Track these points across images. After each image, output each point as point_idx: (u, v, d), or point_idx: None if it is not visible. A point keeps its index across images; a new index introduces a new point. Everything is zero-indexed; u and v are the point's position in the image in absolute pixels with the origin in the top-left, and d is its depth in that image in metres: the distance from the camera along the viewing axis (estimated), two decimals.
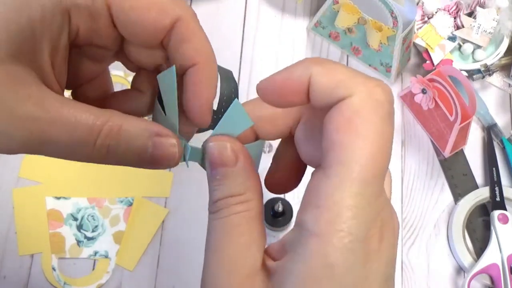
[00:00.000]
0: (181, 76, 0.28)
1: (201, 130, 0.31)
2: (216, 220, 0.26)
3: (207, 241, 0.26)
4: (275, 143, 0.68)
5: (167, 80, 0.28)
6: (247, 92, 0.70)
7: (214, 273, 0.25)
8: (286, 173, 0.30)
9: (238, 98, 0.31)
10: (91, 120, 0.25)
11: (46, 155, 0.26)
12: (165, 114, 0.29)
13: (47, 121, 0.24)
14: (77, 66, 0.30)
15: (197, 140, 0.30)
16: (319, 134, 0.25)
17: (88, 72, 0.30)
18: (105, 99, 0.32)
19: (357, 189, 0.22)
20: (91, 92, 0.31)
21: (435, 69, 0.69)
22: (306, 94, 0.24)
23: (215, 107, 0.31)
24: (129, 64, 0.31)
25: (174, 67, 0.27)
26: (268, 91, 0.26)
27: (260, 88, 0.26)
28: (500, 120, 0.71)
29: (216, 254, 0.25)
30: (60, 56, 0.27)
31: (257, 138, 0.29)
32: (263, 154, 0.32)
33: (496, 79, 0.72)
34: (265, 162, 0.31)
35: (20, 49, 0.24)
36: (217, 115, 0.30)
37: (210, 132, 0.29)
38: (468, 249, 0.64)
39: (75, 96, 0.32)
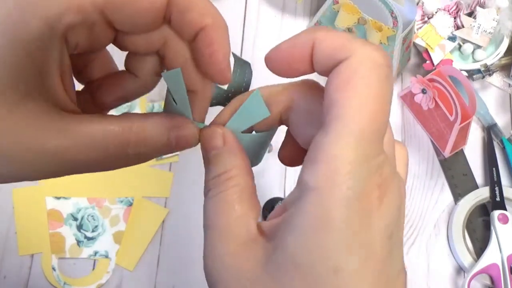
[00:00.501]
0: (191, 42, 0.29)
1: (212, 104, 0.32)
2: (207, 201, 0.27)
3: (204, 223, 0.27)
4: (276, 143, 0.68)
5: (173, 78, 0.29)
6: None
7: (210, 246, 0.26)
8: (295, 146, 0.31)
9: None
10: (117, 134, 0.26)
11: (76, 174, 0.27)
12: (176, 104, 0.30)
13: (76, 147, 0.25)
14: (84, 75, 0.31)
15: None
16: (312, 118, 0.26)
17: (85, 62, 0.31)
18: (105, 79, 0.31)
19: (354, 143, 0.22)
20: (96, 73, 0.31)
21: (435, 69, 0.69)
22: (311, 62, 0.25)
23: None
24: (122, 47, 0.30)
25: (179, 69, 0.28)
26: (276, 60, 0.26)
27: (267, 58, 0.27)
28: (500, 120, 0.71)
29: (210, 230, 0.26)
30: (67, 76, 0.27)
31: (251, 129, 0.30)
32: (266, 154, 0.32)
33: (496, 79, 0.72)
34: (264, 163, 0.31)
35: (30, 86, 0.24)
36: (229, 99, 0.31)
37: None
38: (468, 249, 0.64)
39: (80, 80, 0.31)
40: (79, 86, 0.30)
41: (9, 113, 0.24)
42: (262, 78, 0.78)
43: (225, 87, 0.32)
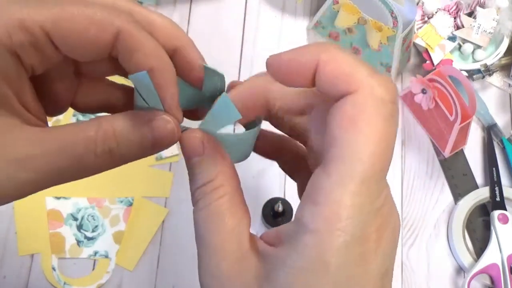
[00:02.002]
0: None
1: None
2: (197, 212, 0.27)
3: (195, 235, 0.27)
4: None
5: (141, 80, 0.28)
6: None
7: (203, 263, 0.26)
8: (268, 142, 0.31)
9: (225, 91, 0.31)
10: (83, 134, 0.26)
11: (57, 184, 0.27)
12: (148, 105, 0.29)
13: (44, 154, 0.25)
14: (49, 93, 0.30)
15: None
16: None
17: (62, 90, 0.30)
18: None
19: (357, 188, 0.22)
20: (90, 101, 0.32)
21: (435, 69, 0.69)
22: (312, 79, 0.25)
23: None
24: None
25: (144, 73, 0.27)
26: (277, 69, 0.26)
27: (269, 64, 0.26)
28: (500, 120, 0.71)
29: (204, 245, 0.26)
30: (27, 94, 0.27)
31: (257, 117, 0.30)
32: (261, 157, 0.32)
33: (496, 79, 0.72)
34: (264, 164, 0.31)
35: None
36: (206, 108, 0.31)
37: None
38: (468, 249, 0.64)
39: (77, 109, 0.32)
40: None
41: None
42: None
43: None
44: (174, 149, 0.66)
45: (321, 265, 0.22)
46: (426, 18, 0.72)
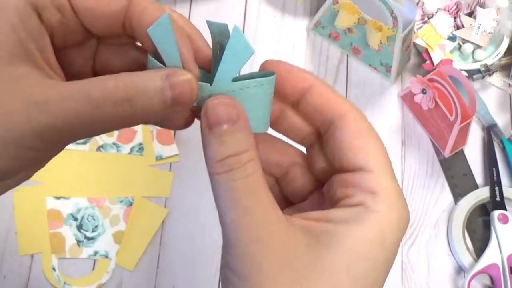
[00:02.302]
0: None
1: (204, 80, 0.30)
2: (230, 181, 0.27)
3: (225, 203, 0.27)
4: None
5: (161, 31, 0.27)
6: None
7: (248, 231, 0.26)
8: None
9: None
10: (102, 84, 0.26)
11: (79, 137, 0.27)
12: (165, 66, 0.28)
13: (62, 99, 0.25)
14: (68, 61, 0.31)
15: None
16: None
17: (81, 59, 0.31)
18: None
19: (391, 176, 0.29)
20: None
21: (435, 69, 0.69)
22: (298, 96, 0.30)
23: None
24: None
25: (167, 14, 0.27)
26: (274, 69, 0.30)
27: (263, 67, 0.31)
28: (500, 120, 0.71)
29: (246, 213, 0.26)
30: (48, 53, 0.28)
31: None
32: None
33: (496, 79, 0.72)
34: None
35: (17, 51, 0.26)
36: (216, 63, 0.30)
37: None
38: (468, 249, 0.64)
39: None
40: None
41: (6, 69, 0.25)
42: None
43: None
44: (174, 149, 0.66)
45: (380, 240, 0.27)
46: (426, 18, 0.72)
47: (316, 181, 0.32)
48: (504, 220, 0.63)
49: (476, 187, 0.67)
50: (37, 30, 0.27)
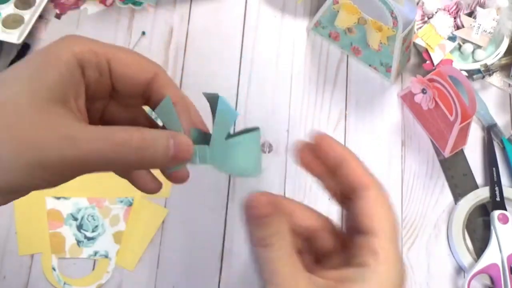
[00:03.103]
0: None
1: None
2: (272, 252, 0.33)
3: (266, 269, 0.33)
4: (275, 143, 0.68)
5: (165, 110, 0.34)
6: (246, 92, 0.70)
7: None
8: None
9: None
10: (126, 133, 0.32)
11: (98, 171, 0.33)
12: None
13: (89, 138, 0.31)
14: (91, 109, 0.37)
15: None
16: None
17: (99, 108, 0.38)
18: None
19: (393, 241, 0.34)
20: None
21: (435, 69, 0.69)
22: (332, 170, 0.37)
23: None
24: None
25: (168, 97, 0.34)
26: (300, 154, 0.37)
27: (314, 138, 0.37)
28: (500, 120, 0.71)
29: (279, 277, 0.33)
30: (81, 101, 0.35)
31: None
32: (262, 155, 0.33)
33: (496, 79, 0.72)
34: (264, 163, 0.31)
35: (58, 95, 0.32)
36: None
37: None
38: (468, 249, 0.64)
39: None
40: None
41: (48, 107, 0.31)
42: (261, 78, 0.78)
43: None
44: None
45: (390, 283, 0.33)
46: (426, 18, 0.72)
47: (341, 240, 0.38)
48: (504, 220, 0.63)
49: (476, 187, 0.67)
50: (78, 81, 0.34)
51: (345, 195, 0.37)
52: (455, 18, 0.71)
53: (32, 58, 0.33)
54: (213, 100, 0.36)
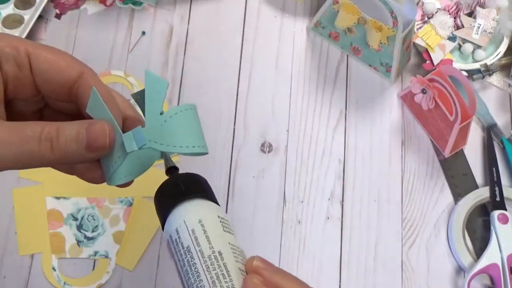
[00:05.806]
0: None
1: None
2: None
3: None
4: (275, 143, 0.68)
5: (94, 102, 0.34)
6: (246, 92, 0.70)
7: None
8: None
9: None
10: (36, 125, 0.32)
11: (3, 166, 0.33)
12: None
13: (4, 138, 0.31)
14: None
15: None
16: None
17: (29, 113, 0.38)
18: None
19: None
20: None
21: (435, 69, 0.69)
22: None
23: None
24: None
25: (94, 89, 0.33)
26: None
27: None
28: (500, 120, 0.71)
29: None
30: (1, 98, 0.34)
31: None
32: (262, 155, 0.33)
33: (496, 79, 0.72)
34: (264, 163, 0.31)
35: None
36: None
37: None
38: (468, 249, 0.64)
39: None
40: None
41: None
42: (261, 78, 0.78)
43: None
44: None
45: None
46: (426, 18, 0.72)
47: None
48: (504, 220, 0.63)
49: (476, 187, 0.67)
50: None
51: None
52: (455, 18, 0.71)
53: None
54: (141, 95, 0.35)
